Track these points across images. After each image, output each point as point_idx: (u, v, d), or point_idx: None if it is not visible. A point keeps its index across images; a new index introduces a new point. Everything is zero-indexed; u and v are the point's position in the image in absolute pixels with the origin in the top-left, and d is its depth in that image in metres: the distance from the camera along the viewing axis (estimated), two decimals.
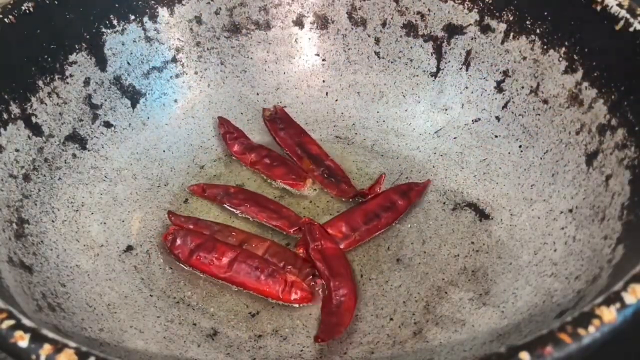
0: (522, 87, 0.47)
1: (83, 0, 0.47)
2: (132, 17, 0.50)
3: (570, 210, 0.41)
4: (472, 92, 0.50)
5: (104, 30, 0.48)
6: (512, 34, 0.47)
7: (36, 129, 0.44)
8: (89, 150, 0.47)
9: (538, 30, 0.45)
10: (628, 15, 0.39)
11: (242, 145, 0.50)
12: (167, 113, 0.52)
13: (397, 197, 0.46)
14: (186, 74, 0.53)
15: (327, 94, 0.54)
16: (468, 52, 0.50)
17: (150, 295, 0.41)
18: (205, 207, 0.47)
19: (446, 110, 0.51)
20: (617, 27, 0.39)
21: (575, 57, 0.43)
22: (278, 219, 0.45)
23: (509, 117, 0.48)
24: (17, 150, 0.42)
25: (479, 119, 0.49)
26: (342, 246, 0.43)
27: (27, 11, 0.43)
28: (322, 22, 0.54)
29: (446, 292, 0.41)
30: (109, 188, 0.47)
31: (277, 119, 0.51)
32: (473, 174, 0.48)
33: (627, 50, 0.39)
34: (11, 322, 0.27)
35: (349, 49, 0.54)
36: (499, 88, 0.48)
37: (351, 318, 0.39)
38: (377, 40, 0.53)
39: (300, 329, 0.40)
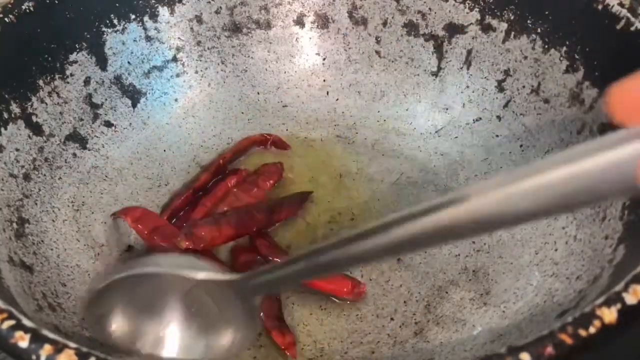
0: (523, 87, 0.47)
1: (83, 0, 0.47)
2: (133, 17, 0.50)
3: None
4: (473, 92, 0.50)
5: (104, 29, 0.48)
6: (513, 33, 0.47)
7: (36, 129, 0.44)
8: (89, 150, 0.47)
9: (539, 30, 0.45)
10: (629, 15, 0.39)
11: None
12: (167, 112, 0.52)
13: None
14: (187, 73, 0.53)
15: (327, 93, 0.54)
16: (469, 52, 0.50)
17: None
18: None
19: (447, 109, 0.51)
20: (618, 27, 0.39)
21: (577, 56, 0.43)
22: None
23: (510, 116, 0.48)
24: (17, 150, 0.42)
25: (480, 119, 0.49)
26: None
27: (28, 10, 0.43)
28: (323, 22, 0.54)
29: (447, 292, 0.41)
30: (110, 187, 0.47)
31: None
32: (474, 173, 0.48)
33: (628, 50, 0.39)
34: (11, 322, 0.27)
35: (349, 48, 0.54)
36: (500, 87, 0.48)
37: None
38: (378, 40, 0.53)
39: (300, 328, 0.40)
